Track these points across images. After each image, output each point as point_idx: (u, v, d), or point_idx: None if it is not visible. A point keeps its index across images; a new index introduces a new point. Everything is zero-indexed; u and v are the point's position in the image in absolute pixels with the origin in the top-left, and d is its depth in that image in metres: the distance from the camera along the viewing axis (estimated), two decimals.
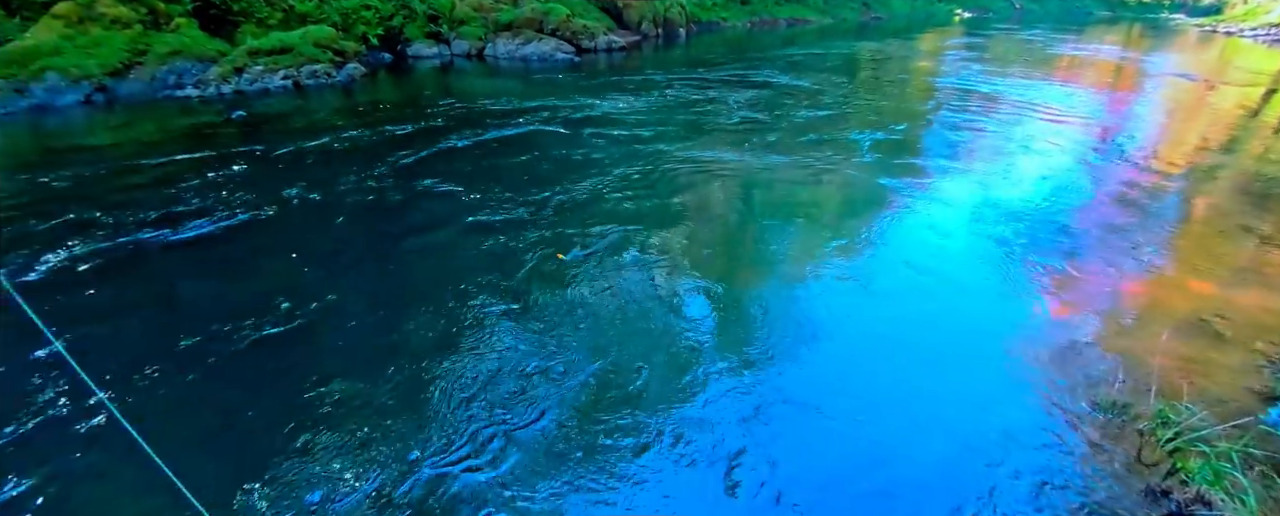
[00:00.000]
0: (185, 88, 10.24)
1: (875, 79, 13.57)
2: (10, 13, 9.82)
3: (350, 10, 13.70)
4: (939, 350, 3.75)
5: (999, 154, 7.88)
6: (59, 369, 3.35)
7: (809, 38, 21.74)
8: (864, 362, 3.65)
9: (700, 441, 2.98)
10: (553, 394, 3.29)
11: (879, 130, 8.80)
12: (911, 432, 3.08)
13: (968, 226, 5.58)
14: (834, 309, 4.20)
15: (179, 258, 4.73)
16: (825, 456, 2.92)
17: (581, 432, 3.02)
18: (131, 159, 6.83)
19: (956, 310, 4.22)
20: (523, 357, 3.58)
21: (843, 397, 3.32)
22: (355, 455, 2.85)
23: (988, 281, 4.60)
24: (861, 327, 4.02)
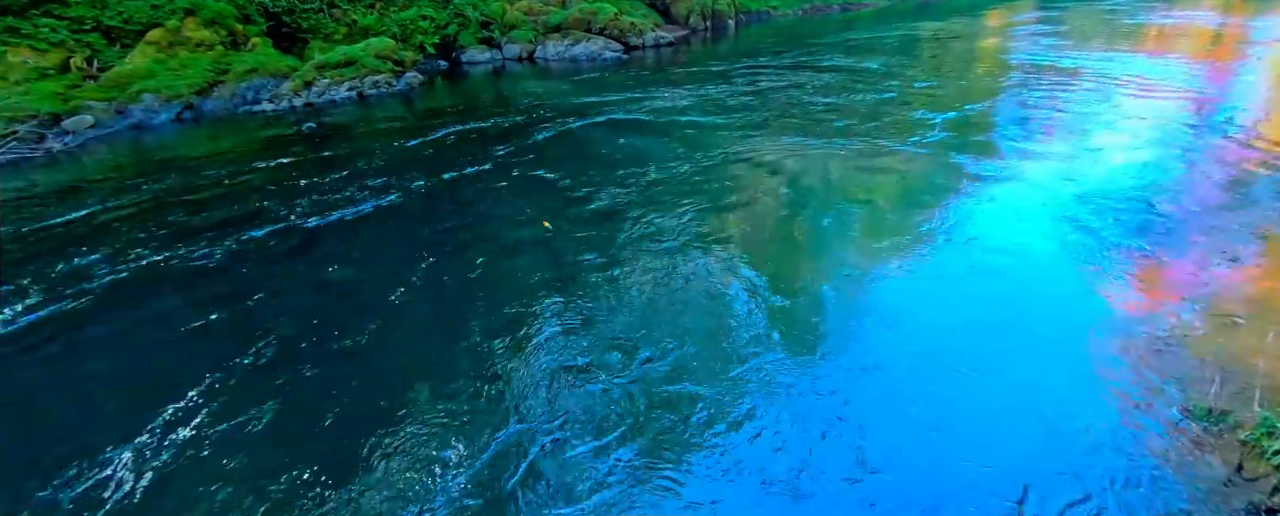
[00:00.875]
0: (261, 103, 10.97)
1: (940, 59, 12.90)
2: (111, 41, 10.82)
3: (408, 21, 14.27)
4: (1014, 343, 3.53)
5: (1080, 131, 7.32)
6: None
7: (865, 21, 20.90)
8: (935, 355, 3.47)
9: (777, 436, 2.92)
10: (622, 389, 3.31)
11: (947, 111, 8.35)
12: (986, 432, 2.91)
13: (1046, 209, 5.23)
14: (907, 298, 4.06)
15: (258, 259, 5.07)
16: (897, 454, 2.80)
17: (654, 429, 3.03)
18: (218, 170, 7.39)
19: (1034, 300, 3.97)
20: (585, 354, 3.63)
21: (915, 390, 3.20)
22: (428, 449, 2.97)
23: (1068, 269, 4.29)
24: (934, 317, 3.84)
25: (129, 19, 11.00)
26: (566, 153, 7.54)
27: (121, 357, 3.90)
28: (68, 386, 3.65)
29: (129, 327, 4.20)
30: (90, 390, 3.61)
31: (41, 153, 8.57)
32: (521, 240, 5.20)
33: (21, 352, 3.94)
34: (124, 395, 3.53)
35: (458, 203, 6.13)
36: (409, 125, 9.32)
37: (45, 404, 3.51)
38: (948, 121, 7.87)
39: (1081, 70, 10.65)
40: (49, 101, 9.36)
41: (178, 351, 3.92)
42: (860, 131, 7.68)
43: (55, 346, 4.00)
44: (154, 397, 3.42)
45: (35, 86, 9.48)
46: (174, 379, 3.59)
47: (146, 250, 5.30)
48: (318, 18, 13.23)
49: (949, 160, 6.51)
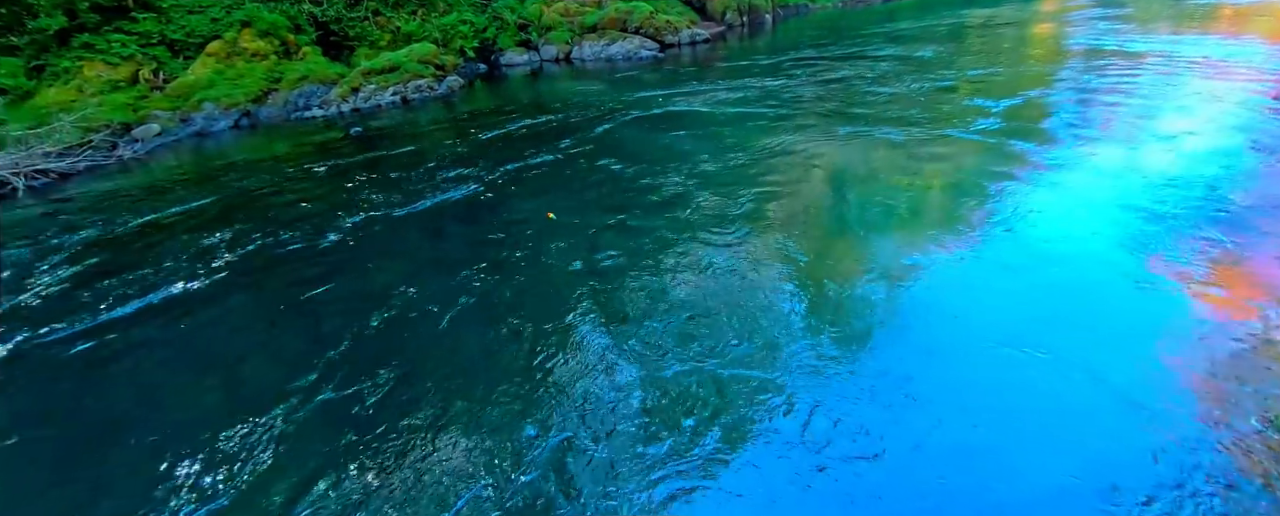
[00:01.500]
0: (312, 109, 11.43)
1: (993, 46, 12.35)
2: (175, 53, 11.47)
3: (449, 26, 14.61)
4: (1080, 340, 3.33)
5: (1147, 116, 6.90)
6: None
7: (910, 11, 20.23)
8: (997, 349, 3.32)
9: (826, 445, 2.86)
10: (661, 392, 3.30)
11: (1003, 98, 7.98)
12: (1050, 430, 2.77)
13: (1112, 198, 4.94)
14: (967, 289, 3.92)
15: (311, 258, 5.28)
16: (963, 450, 2.69)
17: (701, 431, 3.01)
18: (274, 174, 7.74)
19: (1100, 295, 3.75)
20: (624, 358, 3.63)
21: (978, 385, 3.08)
22: (468, 450, 3.03)
23: (1136, 262, 4.04)
24: (989, 318, 3.65)
25: (191, 32, 11.64)
26: (604, 150, 7.57)
27: (189, 347, 4.12)
28: (138, 376, 3.88)
29: (203, 317, 4.44)
30: (158, 378, 3.83)
31: (114, 160, 9.16)
32: (564, 237, 5.24)
33: (127, 335, 4.22)
34: (195, 377, 3.74)
35: (498, 201, 6.23)
36: (450, 127, 9.54)
37: (155, 378, 3.75)
38: (1004, 109, 7.54)
39: (1147, 54, 10.03)
40: (120, 112, 9.99)
41: (237, 343, 4.12)
42: (909, 120, 7.43)
43: (149, 330, 4.27)
44: (214, 388, 3.61)
45: (108, 98, 10.14)
46: (230, 370, 3.77)
47: (217, 249, 5.59)
48: (363, 25, 13.69)
49: (1006, 148, 6.26)
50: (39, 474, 3.14)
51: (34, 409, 3.69)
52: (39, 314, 4.73)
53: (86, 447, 3.29)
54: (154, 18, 11.52)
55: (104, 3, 10.88)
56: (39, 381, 3.94)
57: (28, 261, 5.75)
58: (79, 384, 3.86)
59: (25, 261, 5.75)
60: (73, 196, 7.74)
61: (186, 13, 11.86)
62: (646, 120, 8.91)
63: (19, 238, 6.37)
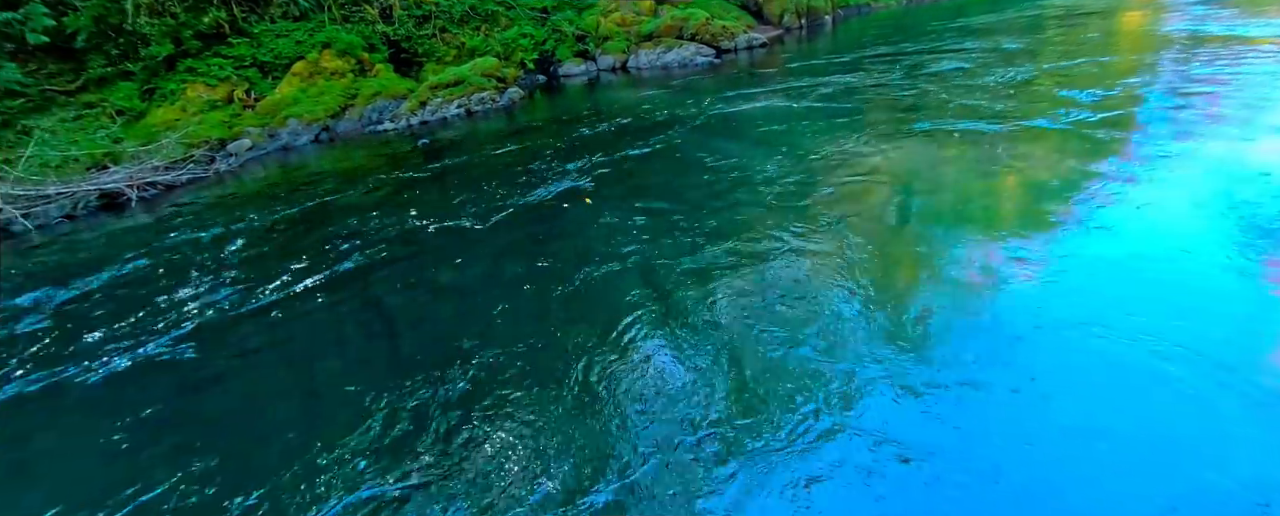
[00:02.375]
0: (383, 123, 12.08)
1: (1076, 37, 11.56)
2: (264, 74, 12.42)
3: (510, 40, 15.12)
4: (1180, 360, 3.03)
5: (1258, 108, 6.24)
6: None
7: (981, 5, 19.26)
8: (1086, 364, 3.06)
9: (914, 443, 2.74)
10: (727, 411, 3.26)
11: (1091, 89, 7.44)
12: (1144, 455, 2.53)
13: (1218, 201, 4.48)
14: (1054, 297, 3.61)
15: (384, 262, 5.56)
16: (1053, 470, 2.51)
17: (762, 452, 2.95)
18: (352, 183, 8.23)
19: (1203, 310, 3.37)
20: (692, 355, 3.61)
21: (1065, 402, 2.85)
22: (523, 456, 3.09)
23: (1248, 277, 3.63)
24: (1083, 321, 3.37)
25: (278, 55, 12.58)
26: (658, 155, 7.58)
27: (282, 346, 4.42)
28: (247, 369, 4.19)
29: (292, 319, 4.76)
30: (261, 374, 4.12)
31: (211, 173, 9.99)
32: (621, 243, 5.27)
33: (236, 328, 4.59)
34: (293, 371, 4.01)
35: (557, 208, 6.35)
36: (511, 137, 9.83)
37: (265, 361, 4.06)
38: (1094, 101, 7.01)
39: (1258, 40, 9.10)
40: (218, 129, 10.90)
41: (320, 344, 4.38)
42: (989, 115, 7.04)
43: (247, 333, 4.62)
44: (302, 389, 3.84)
45: (207, 116, 11.08)
46: (314, 368, 4.01)
47: (301, 254, 5.99)
48: (431, 42, 14.38)
49: (1099, 142, 5.81)
50: (151, 469, 3.43)
51: (146, 409, 4.04)
52: (148, 320, 5.19)
53: (195, 447, 3.57)
54: (247, 42, 12.53)
55: (205, 30, 11.94)
56: (150, 385, 4.32)
57: (145, 269, 6.33)
58: (185, 385, 4.21)
59: (142, 270, 6.34)
60: (180, 206, 8.49)
61: (275, 37, 12.84)
62: (701, 124, 8.87)
63: (135, 246, 7.04)
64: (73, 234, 7.93)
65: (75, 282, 6.06)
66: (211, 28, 12.07)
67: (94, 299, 5.66)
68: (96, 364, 4.44)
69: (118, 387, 4.16)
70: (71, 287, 5.96)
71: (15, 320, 5.43)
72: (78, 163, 9.38)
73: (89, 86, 10.93)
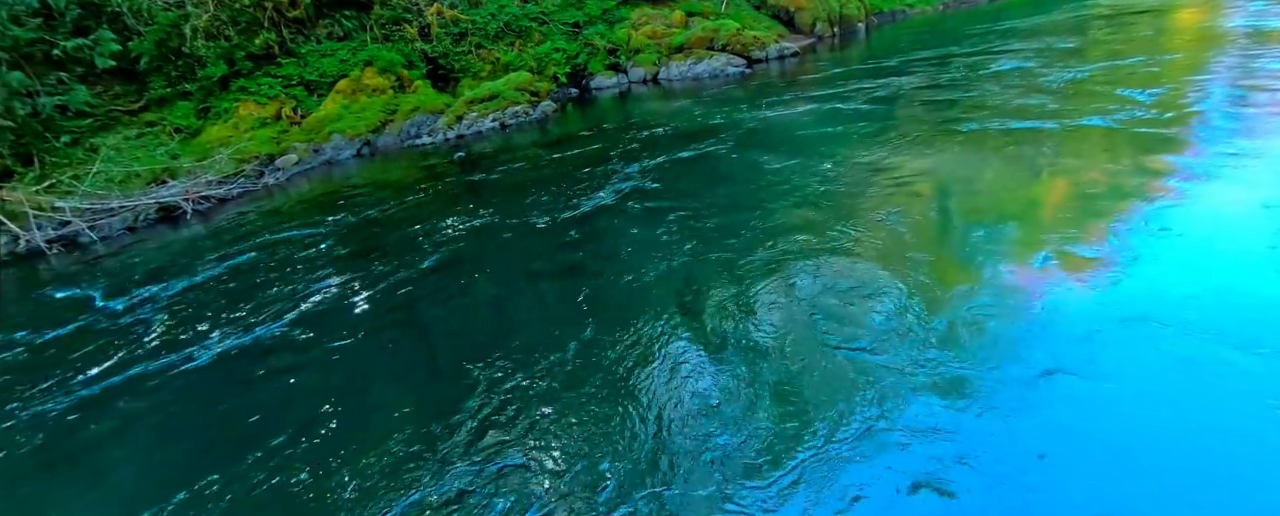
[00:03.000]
0: (422, 137, 12.43)
1: (1125, 38, 11.12)
2: (310, 92, 12.95)
3: (543, 55, 15.40)
4: (1254, 372, 2.84)
5: None
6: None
7: (1020, 9, 18.74)
8: (1143, 380, 2.92)
9: (971, 463, 2.65)
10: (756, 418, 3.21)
11: (1145, 89, 7.15)
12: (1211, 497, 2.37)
13: (1272, 238, 4.20)
14: (1109, 317, 3.38)
15: (424, 272, 5.68)
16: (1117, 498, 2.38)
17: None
18: (392, 195, 8.48)
19: (1245, 376, 3.00)
20: (724, 372, 3.57)
21: (1126, 434, 2.70)
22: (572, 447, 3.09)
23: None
24: (1145, 333, 3.20)
25: (324, 73, 13.10)
26: (691, 165, 7.58)
27: (323, 351, 4.55)
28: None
29: (334, 326, 4.90)
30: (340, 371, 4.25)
31: (260, 186, 10.43)
32: (651, 254, 5.27)
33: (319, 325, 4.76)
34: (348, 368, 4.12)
35: (590, 217, 6.40)
36: (543, 149, 9.99)
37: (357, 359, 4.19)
38: (1148, 102, 6.72)
39: None
40: (267, 145, 11.39)
41: (360, 350, 4.49)
42: (1027, 118, 6.82)
43: (291, 337, 4.78)
44: (341, 392, 3.94)
45: (257, 133, 11.60)
46: (356, 371, 4.11)
47: (345, 261, 6.18)
48: (467, 59, 14.77)
49: (1156, 144, 5.55)
50: (188, 469, 3.56)
51: (191, 411, 4.20)
52: (203, 324, 5.41)
53: (234, 445, 3.69)
54: (294, 62, 13.11)
55: (256, 51, 12.54)
56: (192, 389, 4.49)
57: (202, 280, 6.63)
58: (230, 388, 4.36)
59: (198, 281, 6.64)
60: (232, 219, 8.88)
61: (320, 56, 13.39)
62: (732, 134, 8.83)
63: (191, 256, 7.38)
64: (135, 244, 8.37)
65: (136, 291, 6.38)
66: (262, 49, 12.66)
67: (157, 305, 5.95)
68: (158, 366, 4.65)
69: (189, 382, 4.34)
70: (134, 296, 6.28)
71: (108, 319, 5.74)
72: (139, 178, 9.92)
73: (150, 106, 11.58)
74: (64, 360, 5.01)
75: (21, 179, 9.32)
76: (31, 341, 5.50)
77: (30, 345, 5.43)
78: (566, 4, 16.72)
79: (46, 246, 8.48)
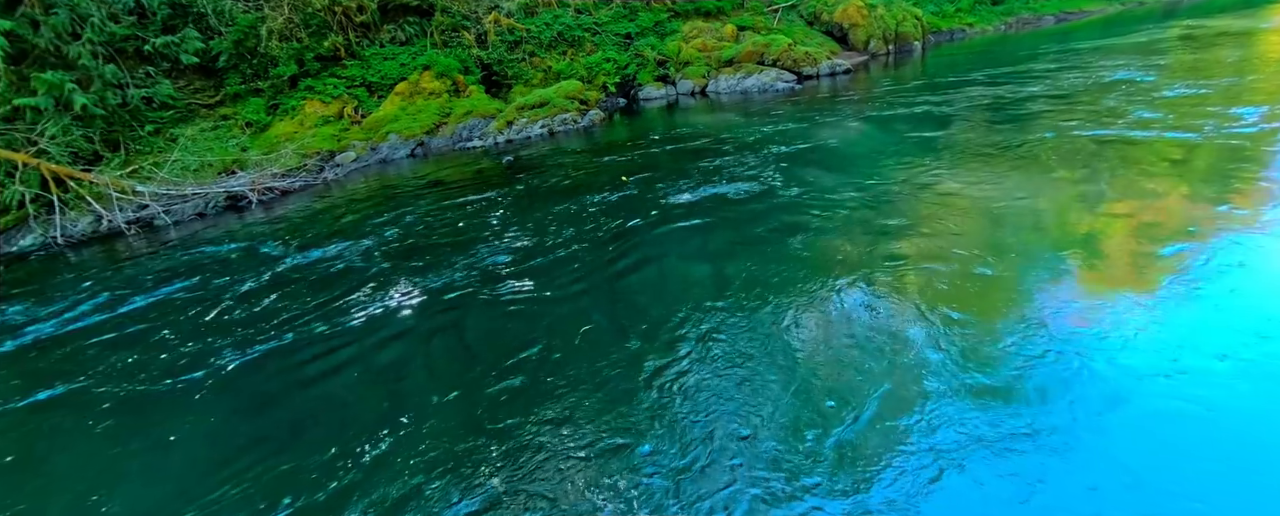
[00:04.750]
0: (473, 140, 12.81)
1: (1199, 62, 10.55)
2: (371, 93, 13.54)
3: (594, 64, 15.69)
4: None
5: None
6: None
7: (1089, 30, 18.02)
8: (1195, 449, 2.77)
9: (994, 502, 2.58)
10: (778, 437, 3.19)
11: (1209, 122, 6.79)
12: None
13: None
14: (1132, 386, 3.21)
15: (468, 269, 5.86)
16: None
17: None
18: (441, 194, 8.78)
19: None
20: (757, 396, 3.56)
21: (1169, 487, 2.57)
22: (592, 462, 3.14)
23: None
24: (1163, 422, 3.04)
25: (384, 75, 13.69)
26: (732, 178, 7.57)
27: (364, 349, 4.74)
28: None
29: (379, 325, 5.11)
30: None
31: (320, 180, 10.95)
32: (691, 265, 5.29)
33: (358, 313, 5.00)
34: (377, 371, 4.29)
35: (629, 230, 6.46)
36: (587, 158, 10.15)
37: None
38: (1208, 147, 6.36)
39: None
40: (328, 142, 11.96)
41: (401, 348, 4.66)
42: (1071, 161, 6.55)
43: (338, 338, 5.01)
44: (382, 393, 4.10)
45: (320, 130, 12.19)
46: (395, 373, 4.26)
47: (393, 257, 6.43)
48: (520, 66, 15.17)
49: (1208, 195, 5.24)
50: (237, 462, 3.75)
51: (244, 404, 4.43)
52: (264, 316, 5.71)
53: (280, 441, 3.88)
54: (358, 64, 13.75)
55: (324, 53, 13.22)
56: (267, 372, 4.74)
57: (258, 269, 7.00)
58: (273, 386, 4.59)
59: (256, 268, 7.01)
60: (292, 211, 9.35)
61: (382, 60, 14.00)
62: (776, 148, 8.78)
63: (253, 240, 7.80)
64: (204, 230, 8.91)
65: (194, 279, 6.80)
66: (330, 51, 13.34)
67: (211, 292, 6.31)
68: (219, 352, 4.93)
69: (242, 373, 4.60)
70: (192, 284, 6.69)
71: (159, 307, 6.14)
72: (211, 167, 10.57)
73: (225, 101, 12.34)
74: (148, 337, 5.37)
75: (108, 164, 10.07)
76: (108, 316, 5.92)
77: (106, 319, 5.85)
78: (619, 15, 17.00)
79: (125, 227, 9.11)
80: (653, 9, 17.45)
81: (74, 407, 4.32)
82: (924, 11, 20.17)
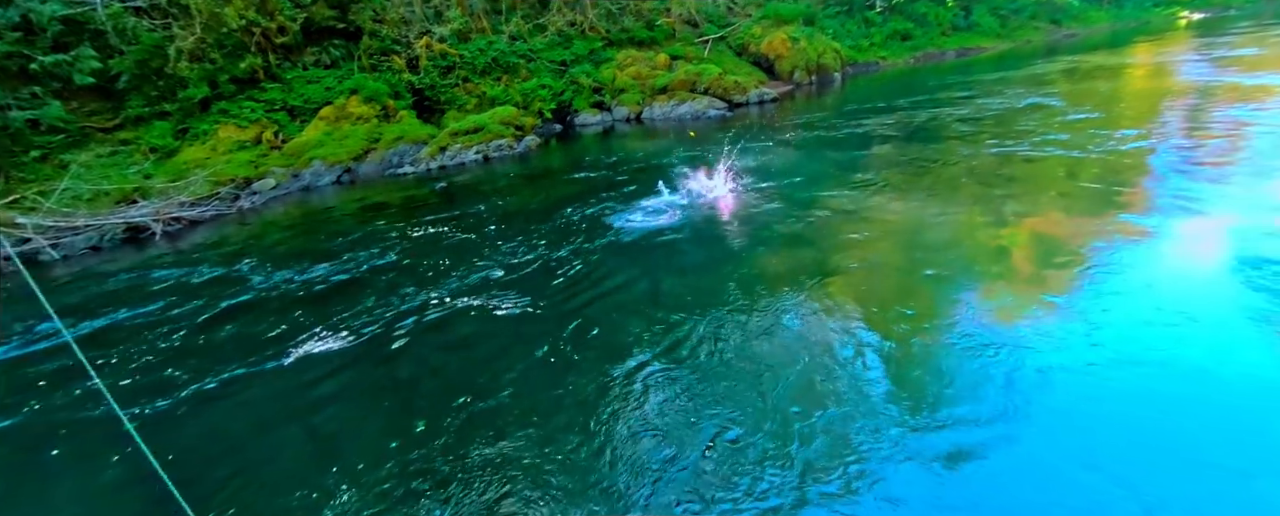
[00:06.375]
0: (404, 166, 12.44)
1: (1082, 92, 11.78)
2: (293, 117, 12.93)
3: (530, 91, 15.71)
4: (1173, 466, 2.94)
5: (1261, 183, 6.28)
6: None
7: (985, 65, 19.81)
8: (1092, 450, 3.01)
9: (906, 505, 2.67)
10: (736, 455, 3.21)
11: (1094, 147, 7.55)
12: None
13: (1221, 281, 4.42)
14: (1057, 374, 3.49)
15: (390, 308, 5.62)
16: None
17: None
18: (365, 223, 8.42)
19: (1199, 407, 3.23)
20: (691, 415, 3.58)
21: (1075, 475, 2.77)
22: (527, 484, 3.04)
23: (1251, 363, 3.53)
24: (1087, 402, 3.30)
25: (308, 99, 13.13)
26: (665, 203, 7.71)
27: (284, 383, 4.42)
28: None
29: (299, 358, 4.78)
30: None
31: (235, 210, 10.27)
32: (630, 290, 5.31)
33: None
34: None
35: (566, 255, 6.43)
36: (524, 183, 10.08)
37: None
38: (1091, 163, 7.10)
39: (1266, 92, 9.25)
40: (244, 168, 11.28)
41: (328, 383, 4.39)
42: (978, 180, 7.13)
43: (257, 366, 4.64)
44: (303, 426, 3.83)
45: (235, 156, 11.49)
46: (317, 407, 4.00)
47: (312, 291, 6.08)
48: (453, 91, 14.97)
49: (1092, 210, 5.83)
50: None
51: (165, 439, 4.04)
52: (128, 363, 5.24)
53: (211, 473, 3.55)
54: (279, 87, 13.13)
55: (240, 75, 12.55)
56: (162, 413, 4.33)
57: (158, 309, 6.44)
58: (190, 417, 4.21)
59: (153, 310, 6.45)
60: (201, 243, 8.69)
61: (306, 83, 13.45)
62: (700, 176, 9.04)
63: (147, 282, 7.18)
64: (97, 265, 8.11)
65: (83, 322, 6.17)
66: (247, 73, 12.68)
67: (95, 336, 5.74)
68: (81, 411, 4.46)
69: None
70: (82, 324, 6.06)
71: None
72: (108, 196, 9.70)
73: (126, 124, 11.43)
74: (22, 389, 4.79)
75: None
76: None
77: None
78: (554, 43, 17.18)
79: (1, 263, 8.17)
80: (587, 37, 17.75)
81: None
82: (842, 45, 21.56)
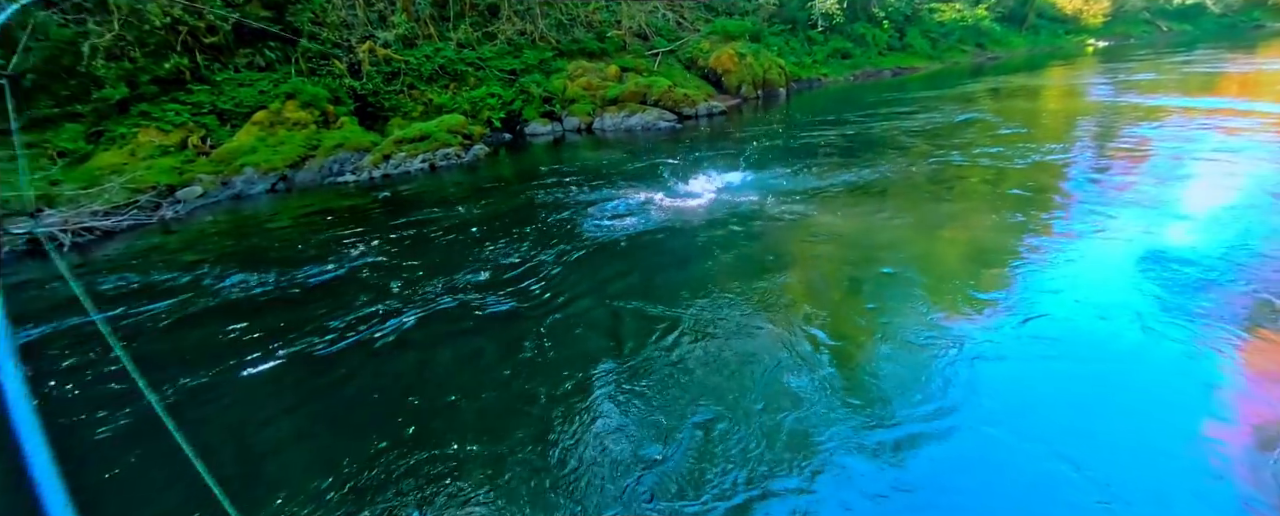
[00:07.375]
0: (345, 174, 11.97)
1: (1005, 110, 12.62)
2: (223, 122, 12.24)
3: (478, 99, 15.46)
4: (1102, 435, 3.18)
5: (1167, 178, 6.92)
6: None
7: (918, 83, 20.97)
8: (999, 447, 3.20)
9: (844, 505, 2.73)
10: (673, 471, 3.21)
11: (1015, 161, 8.09)
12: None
13: (1133, 275, 4.85)
14: (983, 367, 3.74)
15: (327, 316, 5.37)
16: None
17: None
18: (300, 233, 8.02)
19: (1121, 385, 3.56)
20: (643, 428, 3.56)
21: (993, 471, 2.92)
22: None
23: (1162, 346, 3.89)
24: (1002, 401, 3.51)
25: (240, 103, 12.47)
26: (611, 215, 7.74)
27: (219, 407, 4.13)
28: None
29: (232, 378, 4.48)
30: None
31: (156, 220, 9.59)
32: (575, 302, 5.28)
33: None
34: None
35: (514, 267, 6.34)
36: (471, 193, 9.88)
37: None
38: (1016, 172, 7.63)
39: (1164, 111, 10.18)
40: (167, 175, 10.56)
41: (261, 407, 4.13)
42: (917, 189, 7.53)
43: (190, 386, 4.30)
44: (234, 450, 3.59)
45: (157, 162, 10.75)
46: (254, 435, 3.76)
47: (237, 305, 5.72)
48: (398, 98, 14.56)
49: (1018, 215, 6.27)
50: None
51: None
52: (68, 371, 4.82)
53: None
54: (207, 89, 12.41)
55: (164, 76, 11.79)
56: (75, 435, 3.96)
57: (74, 328, 5.93)
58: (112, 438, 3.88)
59: (66, 330, 5.93)
60: (113, 255, 8.06)
61: (237, 85, 12.76)
62: (657, 187, 9.15)
63: (50, 300, 6.61)
64: None
65: None
66: (171, 74, 11.93)
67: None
68: None
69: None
70: None
71: None
72: (7, 204, 8.86)
73: (31, 126, 10.50)
74: None
75: None
76: None
77: None
78: (504, 52, 17.01)
79: None
80: (538, 47, 17.67)
81: None
82: (787, 62, 22.32)
